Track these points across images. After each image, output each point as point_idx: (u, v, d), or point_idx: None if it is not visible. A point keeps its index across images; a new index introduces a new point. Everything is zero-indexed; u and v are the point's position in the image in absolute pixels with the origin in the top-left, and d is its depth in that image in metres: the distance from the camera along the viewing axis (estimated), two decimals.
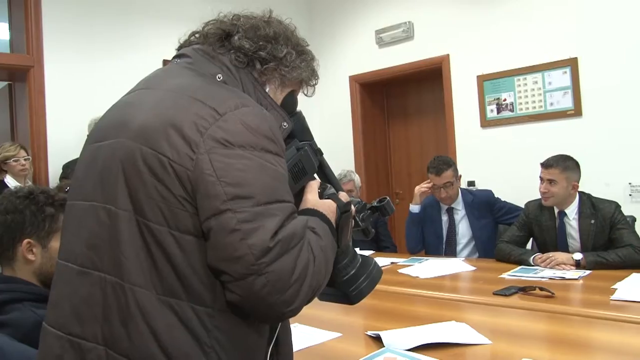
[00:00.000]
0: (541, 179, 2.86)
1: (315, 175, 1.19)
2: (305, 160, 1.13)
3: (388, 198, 1.34)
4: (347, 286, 1.15)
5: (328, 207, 1.08)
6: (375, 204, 1.32)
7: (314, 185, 1.12)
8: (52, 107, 4.09)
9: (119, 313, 0.92)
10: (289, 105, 1.15)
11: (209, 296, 0.92)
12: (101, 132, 1.06)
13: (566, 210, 2.86)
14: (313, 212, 1.05)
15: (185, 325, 0.91)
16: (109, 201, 0.97)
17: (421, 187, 3.49)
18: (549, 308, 1.99)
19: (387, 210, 1.32)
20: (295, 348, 1.50)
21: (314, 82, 1.21)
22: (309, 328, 1.85)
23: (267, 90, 1.11)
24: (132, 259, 0.92)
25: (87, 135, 1.14)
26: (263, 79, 1.11)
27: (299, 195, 1.09)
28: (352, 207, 1.15)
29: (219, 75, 1.06)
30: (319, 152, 1.19)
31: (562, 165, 2.79)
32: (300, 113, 1.20)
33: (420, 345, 1.58)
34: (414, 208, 3.54)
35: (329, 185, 1.17)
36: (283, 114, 1.12)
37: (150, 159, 0.93)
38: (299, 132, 1.17)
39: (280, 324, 1.06)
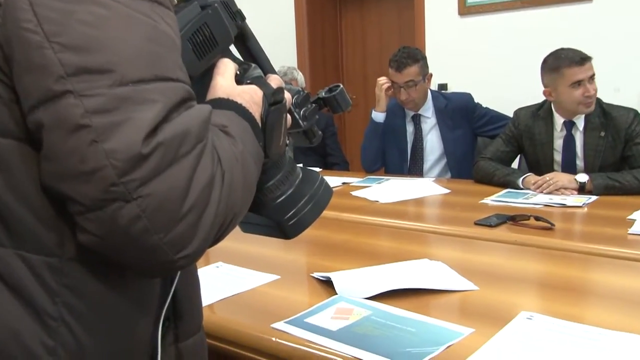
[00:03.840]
0: (578, 82, 2.59)
1: (233, 49, 1.01)
2: (214, 24, 0.93)
3: (341, 86, 1.17)
4: (280, 213, 1.01)
5: (251, 96, 0.89)
6: (323, 94, 1.16)
7: (228, 64, 0.94)
8: None
9: None
10: None
11: (52, 238, 0.72)
12: None
13: (575, 120, 2.70)
14: (225, 103, 0.87)
15: (12, 286, 0.71)
16: None
17: (382, 84, 3.26)
18: (547, 243, 1.92)
19: (339, 104, 1.15)
20: (217, 296, 1.47)
21: None
22: (236, 268, 1.75)
23: None
24: None
25: None
26: None
27: (204, 78, 0.92)
28: (288, 96, 1.00)
29: None
30: (239, 16, 1.00)
31: (589, 57, 2.61)
32: None
33: (383, 293, 1.46)
34: (378, 116, 3.36)
35: (253, 65, 1.01)
36: None
37: None
38: None
39: (178, 274, 0.86)
